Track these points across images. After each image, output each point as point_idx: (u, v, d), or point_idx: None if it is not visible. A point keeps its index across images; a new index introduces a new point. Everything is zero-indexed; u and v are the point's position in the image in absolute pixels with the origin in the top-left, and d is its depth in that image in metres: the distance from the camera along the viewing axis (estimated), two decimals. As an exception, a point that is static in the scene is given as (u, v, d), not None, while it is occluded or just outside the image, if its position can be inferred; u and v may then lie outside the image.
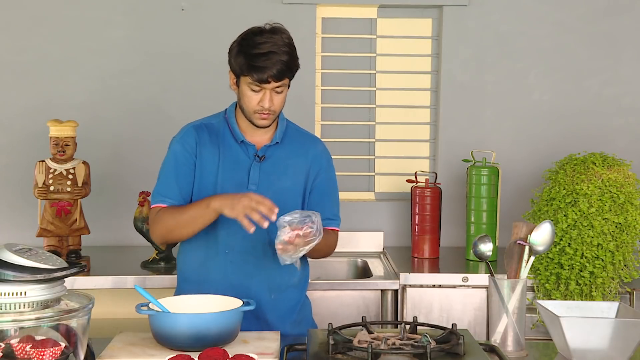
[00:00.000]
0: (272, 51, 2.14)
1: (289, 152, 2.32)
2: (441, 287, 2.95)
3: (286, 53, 2.15)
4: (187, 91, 3.48)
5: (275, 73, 2.14)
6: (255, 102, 2.19)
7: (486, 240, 2.10)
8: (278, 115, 2.27)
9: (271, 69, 2.13)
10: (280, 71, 2.14)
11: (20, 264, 1.66)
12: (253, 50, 2.14)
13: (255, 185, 2.25)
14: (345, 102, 3.63)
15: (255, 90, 2.18)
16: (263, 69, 2.13)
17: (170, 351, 1.86)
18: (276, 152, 2.30)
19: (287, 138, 2.33)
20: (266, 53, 2.13)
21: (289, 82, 2.23)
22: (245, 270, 2.26)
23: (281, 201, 2.24)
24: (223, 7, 3.48)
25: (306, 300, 2.43)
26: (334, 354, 1.82)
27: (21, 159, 3.41)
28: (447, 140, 3.57)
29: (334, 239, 2.39)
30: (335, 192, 2.42)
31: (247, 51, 2.15)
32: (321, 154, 2.37)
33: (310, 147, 2.36)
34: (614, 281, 2.83)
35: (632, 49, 3.58)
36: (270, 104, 2.19)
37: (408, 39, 3.63)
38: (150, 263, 3.03)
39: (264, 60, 2.13)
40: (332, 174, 2.40)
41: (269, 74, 2.14)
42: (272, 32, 2.18)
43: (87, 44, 3.47)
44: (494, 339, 2.05)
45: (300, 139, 2.36)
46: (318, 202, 2.34)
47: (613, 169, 2.92)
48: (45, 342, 1.64)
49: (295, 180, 2.31)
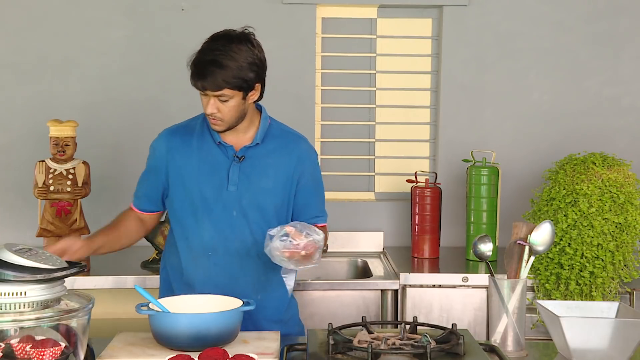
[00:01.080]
0: (215, 60, 2.11)
1: (270, 152, 2.29)
2: (441, 287, 2.95)
3: (235, 67, 2.11)
4: (187, 91, 3.43)
5: (210, 84, 2.11)
6: (204, 106, 2.19)
7: (486, 240, 2.10)
8: (233, 123, 2.21)
9: (206, 79, 2.11)
10: (215, 82, 2.11)
11: (20, 264, 1.66)
12: (200, 56, 2.14)
13: (235, 186, 2.24)
14: (345, 102, 3.63)
15: (202, 95, 2.18)
16: (198, 77, 2.13)
17: (170, 351, 1.86)
18: (256, 153, 2.28)
19: (268, 138, 2.30)
20: (207, 61, 2.12)
21: (244, 94, 2.17)
22: (230, 271, 2.26)
23: (261, 201, 2.25)
24: (223, 7, 3.48)
25: (292, 299, 2.43)
26: (334, 354, 1.82)
27: (21, 159, 3.41)
28: (447, 140, 3.57)
29: None
30: (321, 189, 2.41)
31: (196, 56, 2.15)
32: (305, 153, 2.34)
33: (294, 147, 2.33)
34: (614, 281, 2.83)
35: (632, 49, 3.58)
36: (212, 110, 2.16)
37: (408, 39, 3.63)
38: (150, 263, 3.03)
39: (202, 68, 2.12)
40: (317, 172, 2.39)
41: (203, 84, 2.12)
42: (231, 40, 2.15)
43: (87, 44, 3.47)
44: (494, 339, 2.05)
45: (283, 139, 2.33)
46: (305, 201, 2.34)
47: (613, 169, 2.92)
48: (45, 342, 1.64)
49: (277, 181, 2.28)
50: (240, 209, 2.25)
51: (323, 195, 2.43)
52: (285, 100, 3.38)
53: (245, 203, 2.25)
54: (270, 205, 2.27)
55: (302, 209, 2.34)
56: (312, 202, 2.36)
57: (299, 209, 2.33)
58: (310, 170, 2.35)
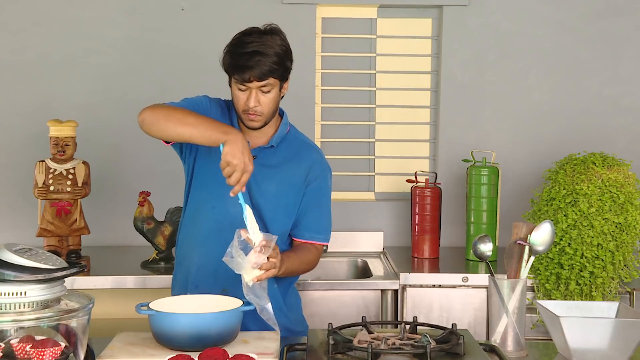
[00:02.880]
0: (256, 51, 2.13)
1: (282, 158, 2.29)
2: (441, 287, 2.95)
3: (274, 54, 2.14)
4: (187, 91, 3.43)
5: (257, 73, 2.12)
6: (242, 101, 2.18)
7: (486, 240, 2.10)
8: (269, 117, 2.23)
9: (253, 69, 2.12)
10: (262, 70, 2.12)
11: (20, 264, 1.66)
12: (238, 50, 2.15)
13: None
14: (345, 102, 3.63)
15: (242, 90, 2.17)
16: (244, 68, 2.13)
17: (170, 351, 1.86)
18: (268, 155, 2.28)
19: (284, 143, 2.31)
20: (250, 52, 2.13)
21: (281, 84, 2.20)
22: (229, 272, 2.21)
23: (261, 204, 2.24)
24: (223, 7, 3.48)
25: (298, 297, 2.42)
26: (334, 354, 1.82)
27: (21, 159, 3.41)
28: (447, 140, 3.57)
29: (312, 257, 2.33)
30: (325, 204, 2.36)
31: (234, 50, 2.16)
32: (314, 164, 2.32)
33: (304, 156, 2.32)
34: (614, 281, 2.83)
35: (632, 49, 3.58)
36: (255, 104, 2.16)
37: (408, 39, 3.63)
38: (150, 263, 3.03)
39: (247, 59, 2.12)
40: (325, 186, 2.35)
41: (251, 74, 2.12)
42: (263, 33, 2.18)
43: (87, 44, 3.47)
44: (494, 339, 2.05)
45: (296, 147, 2.32)
46: (304, 211, 2.31)
47: (613, 169, 2.92)
48: (45, 342, 1.64)
49: (281, 187, 2.27)
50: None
51: (327, 212, 2.37)
52: (285, 100, 3.35)
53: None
54: (269, 208, 2.25)
55: (299, 218, 2.32)
56: (310, 214, 2.31)
57: (297, 219, 2.32)
58: (317, 181, 2.31)
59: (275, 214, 2.26)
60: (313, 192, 2.31)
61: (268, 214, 2.25)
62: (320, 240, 2.35)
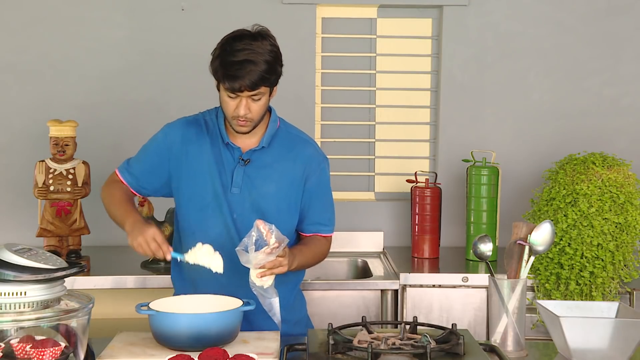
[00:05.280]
0: (247, 59, 2.08)
1: (276, 156, 2.27)
2: (441, 287, 2.95)
3: (264, 62, 2.09)
4: (187, 91, 3.48)
5: (248, 83, 2.08)
6: (232, 108, 2.15)
7: (486, 240, 2.10)
8: (259, 122, 2.21)
9: (244, 79, 2.08)
10: (254, 81, 2.08)
11: (20, 264, 1.66)
12: (229, 58, 2.09)
13: (238, 189, 2.23)
14: (345, 102, 3.63)
15: (232, 97, 2.13)
16: (235, 78, 2.08)
17: (170, 351, 1.86)
18: (262, 156, 2.26)
19: (275, 141, 2.28)
20: (241, 61, 2.08)
21: (271, 89, 2.18)
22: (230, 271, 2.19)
23: (263, 206, 2.23)
24: (223, 7, 3.48)
25: (298, 299, 2.41)
26: (334, 354, 1.82)
27: (21, 159, 3.41)
28: (447, 140, 3.57)
29: (323, 247, 2.34)
30: (327, 196, 2.36)
31: (223, 58, 2.10)
32: (310, 158, 2.30)
33: (299, 152, 2.29)
34: (614, 281, 2.83)
35: (632, 49, 3.58)
36: (245, 112, 2.14)
37: (408, 39, 3.63)
38: (150, 263, 3.03)
39: (237, 68, 2.08)
40: (324, 178, 2.34)
41: (242, 84, 2.08)
42: (253, 38, 2.12)
43: (87, 44, 3.47)
44: (494, 339, 2.05)
45: (289, 143, 2.30)
46: (307, 206, 2.31)
47: (613, 169, 2.92)
48: (45, 342, 1.64)
49: (280, 185, 2.26)
50: (242, 212, 2.23)
51: (329, 204, 2.37)
52: (285, 100, 3.36)
53: (247, 206, 2.23)
54: (273, 209, 2.24)
55: (304, 213, 2.31)
56: (315, 208, 2.31)
57: (301, 214, 2.31)
58: (316, 175, 2.30)
59: (279, 215, 2.25)
60: (313, 186, 2.30)
61: (272, 215, 2.22)
62: (327, 232, 2.35)
